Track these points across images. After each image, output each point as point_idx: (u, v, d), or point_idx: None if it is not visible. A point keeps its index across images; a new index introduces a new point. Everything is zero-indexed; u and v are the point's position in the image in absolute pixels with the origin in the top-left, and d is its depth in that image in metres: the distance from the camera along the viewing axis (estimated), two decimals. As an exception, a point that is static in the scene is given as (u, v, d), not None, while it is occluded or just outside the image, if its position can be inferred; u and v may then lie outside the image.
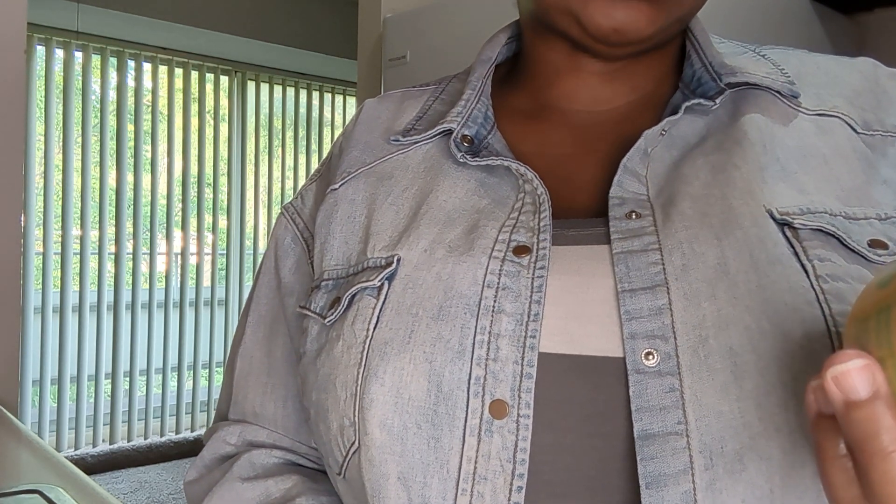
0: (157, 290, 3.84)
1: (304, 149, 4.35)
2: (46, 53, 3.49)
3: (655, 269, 0.40)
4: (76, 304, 3.59)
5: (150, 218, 3.79)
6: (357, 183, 0.52)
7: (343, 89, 4.45)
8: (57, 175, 3.51)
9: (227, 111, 4.10)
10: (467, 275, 0.43)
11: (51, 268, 3.51)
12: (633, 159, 0.45)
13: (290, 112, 4.30)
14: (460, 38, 1.56)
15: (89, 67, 3.60)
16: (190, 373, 3.99)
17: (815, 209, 0.42)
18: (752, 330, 0.38)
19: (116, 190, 3.68)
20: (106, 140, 3.64)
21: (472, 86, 0.53)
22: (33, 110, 3.43)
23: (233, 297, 4.10)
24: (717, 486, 0.36)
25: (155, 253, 3.81)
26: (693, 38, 0.50)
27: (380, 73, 1.78)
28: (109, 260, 3.70)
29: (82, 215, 3.59)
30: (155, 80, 3.80)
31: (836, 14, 1.37)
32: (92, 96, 3.61)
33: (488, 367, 0.40)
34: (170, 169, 3.85)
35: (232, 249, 4.10)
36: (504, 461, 0.39)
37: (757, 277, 0.39)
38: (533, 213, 0.45)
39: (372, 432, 0.42)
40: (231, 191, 4.10)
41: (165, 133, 3.84)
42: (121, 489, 3.35)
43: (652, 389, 0.38)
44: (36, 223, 3.48)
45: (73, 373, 3.57)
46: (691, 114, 0.47)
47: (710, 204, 0.42)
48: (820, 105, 0.47)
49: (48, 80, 3.49)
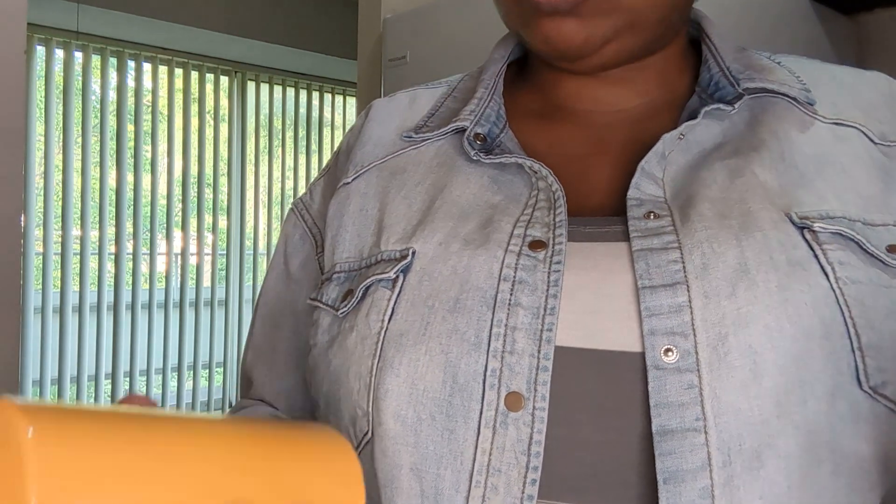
0: (157, 291, 3.84)
1: (304, 149, 4.35)
2: (46, 53, 3.49)
3: (675, 266, 0.40)
4: (76, 305, 3.59)
5: (150, 218, 3.79)
6: (369, 177, 0.52)
7: (343, 89, 4.45)
8: (57, 175, 3.51)
9: (227, 111, 4.10)
10: (483, 268, 0.43)
11: (51, 268, 3.51)
12: (651, 162, 0.45)
13: (290, 112, 4.30)
14: (460, 38, 1.56)
15: (89, 67, 3.60)
16: (190, 373, 3.99)
17: (834, 214, 0.42)
18: (773, 329, 0.38)
19: (116, 190, 3.68)
20: (106, 140, 3.64)
21: (484, 84, 0.53)
22: (33, 110, 3.43)
23: (233, 297, 4.10)
24: (735, 482, 0.37)
25: (155, 253, 3.81)
26: (710, 43, 0.51)
27: (380, 74, 1.78)
28: (109, 260, 3.70)
29: (82, 215, 3.59)
30: (155, 81, 3.80)
31: (836, 14, 1.37)
32: (92, 96, 3.61)
33: (504, 359, 0.40)
34: (170, 169, 3.85)
35: (232, 250, 4.10)
36: (519, 454, 0.39)
37: (777, 278, 0.39)
38: (548, 210, 0.45)
39: (386, 423, 0.42)
40: (231, 191, 4.09)
41: (165, 133, 3.84)
42: (121, 489, 3.35)
43: (671, 385, 0.38)
44: (36, 223, 3.48)
45: (73, 373, 3.57)
46: (708, 118, 0.47)
47: (728, 206, 0.42)
48: (837, 114, 0.48)
49: (48, 80, 3.49)
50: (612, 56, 0.48)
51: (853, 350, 0.39)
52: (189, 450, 0.27)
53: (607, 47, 0.47)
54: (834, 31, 1.36)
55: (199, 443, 0.28)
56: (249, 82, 4.14)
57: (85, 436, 0.24)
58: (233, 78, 4.10)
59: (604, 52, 0.47)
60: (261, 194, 4.19)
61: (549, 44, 0.46)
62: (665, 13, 0.47)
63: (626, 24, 0.46)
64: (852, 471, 0.39)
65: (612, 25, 0.46)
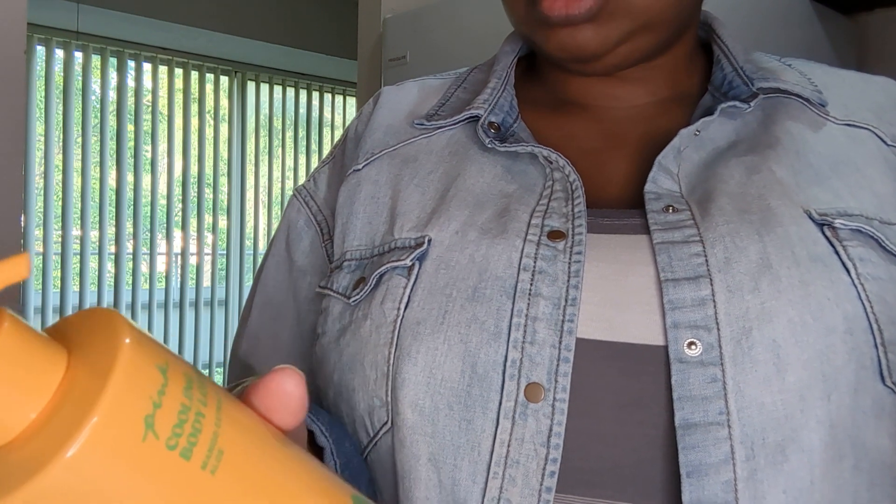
0: (157, 291, 3.84)
1: (304, 149, 4.34)
2: (46, 53, 3.49)
3: (698, 260, 0.40)
4: (76, 305, 3.59)
5: (150, 218, 3.79)
6: (380, 164, 0.52)
7: (343, 89, 4.45)
8: (57, 175, 3.51)
9: (227, 111, 4.10)
10: (502, 257, 0.42)
11: (51, 268, 3.51)
12: (668, 157, 0.45)
13: (290, 112, 4.30)
14: (460, 38, 1.56)
15: (89, 67, 3.60)
16: (190, 373, 3.99)
17: (852, 212, 0.43)
18: (796, 323, 0.38)
19: (116, 190, 3.68)
20: (106, 140, 3.64)
21: (497, 75, 0.53)
22: (33, 110, 3.43)
23: (233, 297, 4.10)
24: (758, 476, 0.37)
25: (155, 253, 3.81)
26: (721, 43, 0.51)
27: (380, 74, 1.78)
28: (109, 260, 3.70)
29: (82, 215, 3.58)
30: (155, 81, 3.80)
31: (836, 14, 1.37)
32: (92, 96, 3.61)
33: (525, 349, 0.40)
34: (170, 169, 3.85)
35: (232, 250, 4.10)
36: (538, 445, 0.38)
37: (799, 273, 0.39)
38: (565, 200, 0.45)
39: (403, 412, 0.41)
40: (231, 191, 4.09)
41: (165, 133, 3.84)
42: (121, 489, 3.35)
43: (694, 379, 0.38)
44: (36, 223, 3.48)
45: (73, 373, 3.57)
46: (722, 116, 0.47)
47: (747, 202, 0.42)
48: (848, 115, 0.48)
49: (48, 80, 3.49)
50: (626, 57, 0.48)
51: (876, 346, 0.39)
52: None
53: (621, 48, 0.47)
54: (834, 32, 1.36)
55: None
56: (249, 82, 4.14)
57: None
58: (233, 78, 4.10)
59: (617, 52, 0.47)
60: (261, 194, 4.19)
61: (564, 51, 0.46)
62: (676, 12, 0.48)
63: (640, 25, 0.46)
64: (874, 466, 0.39)
65: (627, 28, 0.46)
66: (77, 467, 0.20)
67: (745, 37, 0.54)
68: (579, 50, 0.46)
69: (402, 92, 0.58)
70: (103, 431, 0.21)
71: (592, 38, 0.45)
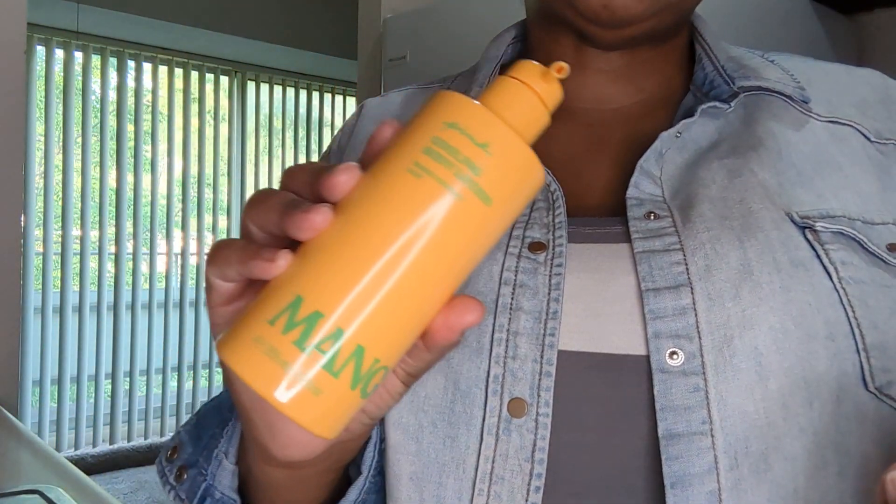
0: (157, 291, 3.84)
1: (304, 149, 4.34)
2: (46, 53, 3.49)
3: (678, 268, 0.40)
4: (76, 305, 3.59)
5: (150, 218, 3.79)
6: None
7: (343, 89, 4.45)
8: (57, 175, 3.51)
9: (227, 111, 4.10)
10: (483, 271, 0.42)
11: (51, 268, 3.51)
12: (650, 160, 0.45)
13: (290, 112, 4.30)
14: (460, 38, 1.56)
15: (89, 67, 3.60)
16: (190, 373, 3.98)
17: (834, 213, 0.42)
18: (777, 330, 0.38)
19: (116, 190, 3.68)
20: (106, 140, 3.64)
21: (479, 83, 0.53)
22: (33, 110, 3.43)
23: (233, 297, 4.10)
24: (742, 486, 0.36)
25: (155, 253, 3.81)
26: (703, 41, 0.50)
27: (380, 74, 1.78)
28: (109, 260, 3.70)
29: (82, 215, 3.58)
30: (155, 81, 3.80)
31: (836, 14, 1.37)
32: (92, 96, 3.61)
33: (507, 365, 0.40)
34: (170, 169, 3.85)
35: (232, 249, 4.10)
36: (522, 461, 0.38)
37: (780, 279, 0.39)
38: (546, 210, 0.44)
39: (387, 431, 0.41)
40: (231, 191, 4.09)
41: (165, 133, 3.84)
42: (121, 489, 3.35)
43: (676, 389, 0.38)
44: (36, 223, 3.48)
45: (73, 373, 3.56)
46: (704, 117, 0.47)
47: (729, 207, 0.42)
48: (831, 112, 0.47)
49: (48, 80, 3.49)
50: (650, 29, 0.47)
51: (858, 351, 0.39)
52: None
53: (652, 20, 0.46)
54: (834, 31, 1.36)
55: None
56: (249, 82, 4.14)
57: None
58: (233, 78, 4.10)
59: (648, 23, 0.46)
60: (261, 194, 4.19)
61: (608, 9, 0.44)
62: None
63: (674, 0, 0.45)
64: (858, 472, 0.38)
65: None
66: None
67: (746, 37, 0.54)
68: (624, 10, 0.44)
69: (385, 103, 0.58)
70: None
71: (640, 1, 0.44)
